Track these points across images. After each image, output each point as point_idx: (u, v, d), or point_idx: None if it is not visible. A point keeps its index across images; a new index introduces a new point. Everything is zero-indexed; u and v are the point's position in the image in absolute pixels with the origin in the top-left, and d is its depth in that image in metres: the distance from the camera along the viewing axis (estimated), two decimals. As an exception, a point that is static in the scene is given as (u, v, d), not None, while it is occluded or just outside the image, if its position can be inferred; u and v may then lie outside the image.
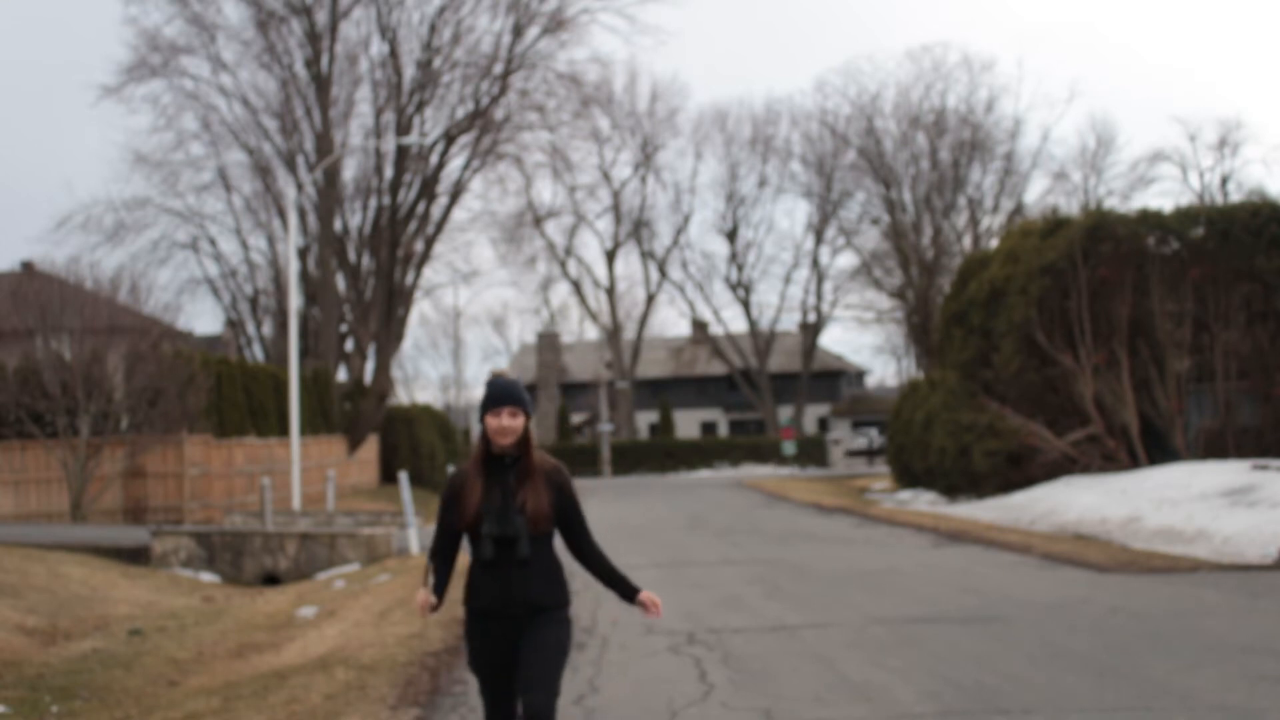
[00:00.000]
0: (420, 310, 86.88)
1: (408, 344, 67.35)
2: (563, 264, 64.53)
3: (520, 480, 4.82)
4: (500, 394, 4.85)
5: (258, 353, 43.80)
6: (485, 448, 4.86)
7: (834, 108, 56.86)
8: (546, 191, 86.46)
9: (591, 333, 75.03)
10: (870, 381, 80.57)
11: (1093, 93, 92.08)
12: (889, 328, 64.18)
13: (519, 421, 4.85)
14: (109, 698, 9.34)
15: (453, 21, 39.73)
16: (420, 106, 39.86)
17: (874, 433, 65.44)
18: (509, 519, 4.74)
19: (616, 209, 63.54)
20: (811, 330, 63.92)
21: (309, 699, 8.17)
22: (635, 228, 63.52)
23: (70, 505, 24.33)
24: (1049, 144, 77.21)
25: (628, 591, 5.00)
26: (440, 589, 5.02)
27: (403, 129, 39.29)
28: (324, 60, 38.72)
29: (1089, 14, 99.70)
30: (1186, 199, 50.80)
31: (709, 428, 72.26)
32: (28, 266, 35.76)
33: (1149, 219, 26.69)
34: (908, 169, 53.21)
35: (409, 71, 39.86)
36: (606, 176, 62.85)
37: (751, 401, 66.53)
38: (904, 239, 52.02)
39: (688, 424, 71.44)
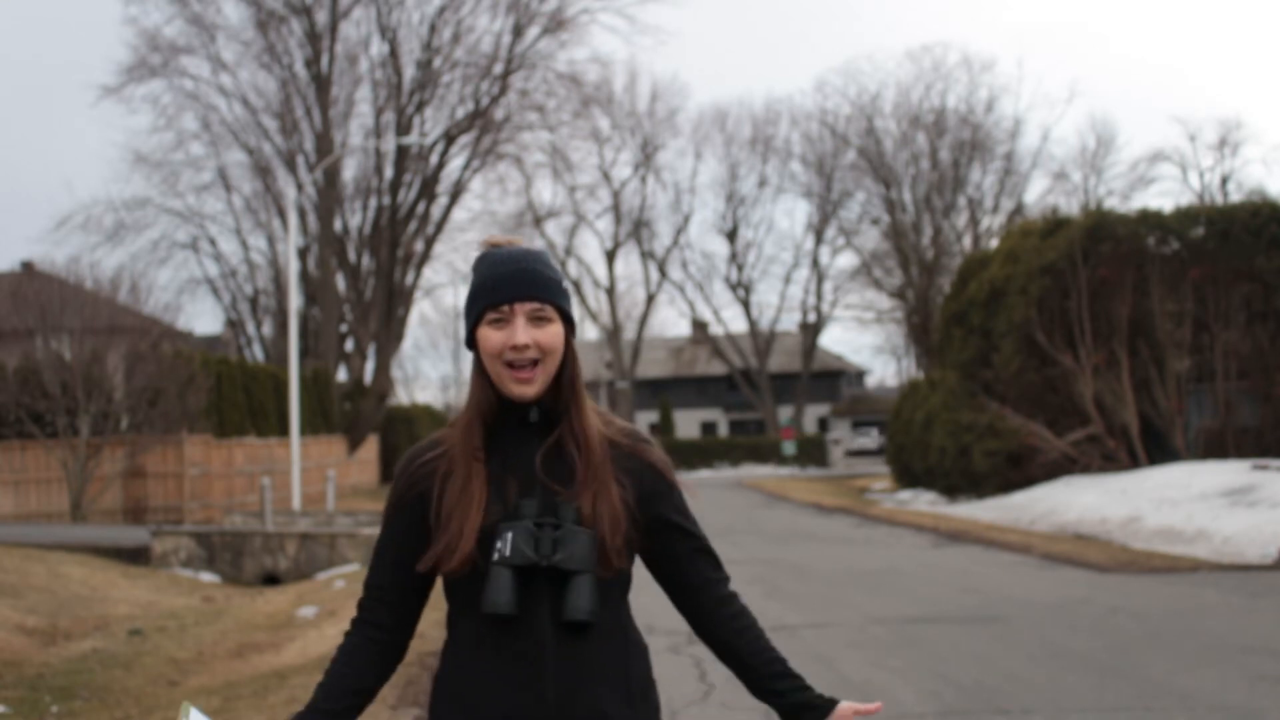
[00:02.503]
0: (420, 310, 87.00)
1: (408, 344, 67.22)
2: (563, 264, 64.51)
3: (567, 456, 2.23)
4: (510, 277, 2.19)
5: (258, 353, 43.80)
6: (489, 393, 2.23)
7: (834, 108, 56.91)
8: (546, 191, 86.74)
9: (591, 333, 74.95)
10: (870, 381, 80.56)
11: (1093, 93, 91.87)
12: (889, 328, 64.17)
13: (551, 333, 2.20)
14: (109, 698, 9.34)
15: (453, 21, 39.80)
16: (420, 106, 39.89)
17: (875, 432, 65.46)
18: (553, 533, 2.15)
19: (616, 209, 63.52)
20: (811, 330, 63.89)
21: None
22: (635, 228, 63.50)
23: (70, 505, 24.33)
24: (1049, 144, 77.30)
25: (802, 702, 2.31)
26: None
27: (403, 129, 39.31)
28: (324, 60, 38.73)
29: (1089, 14, 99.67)
30: (1186, 199, 50.79)
31: (709, 428, 72.25)
32: (28, 266, 35.78)
33: (1149, 219, 26.71)
34: (908, 169, 53.22)
35: (409, 71, 39.90)
36: (606, 176, 62.86)
37: (751, 401, 66.51)
38: (904, 239, 52.02)
39: (688, 424, 71.43)
